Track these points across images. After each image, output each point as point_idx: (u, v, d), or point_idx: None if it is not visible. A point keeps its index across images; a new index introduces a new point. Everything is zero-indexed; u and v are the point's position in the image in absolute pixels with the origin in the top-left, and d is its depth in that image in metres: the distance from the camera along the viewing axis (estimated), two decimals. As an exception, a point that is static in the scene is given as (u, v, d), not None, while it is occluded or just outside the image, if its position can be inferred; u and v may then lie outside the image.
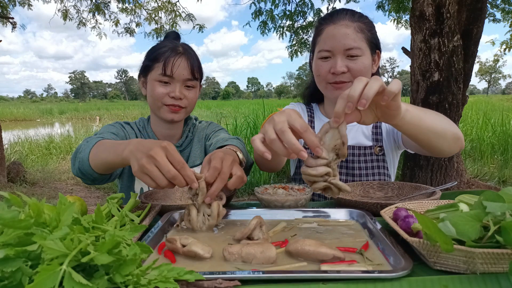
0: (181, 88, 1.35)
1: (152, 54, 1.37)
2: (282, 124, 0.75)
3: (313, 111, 1.53)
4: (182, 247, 0.74)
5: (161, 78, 1.32)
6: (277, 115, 0.78)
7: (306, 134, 0.75)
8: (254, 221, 0.82)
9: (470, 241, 0.60)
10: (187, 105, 1.38)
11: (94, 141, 1.12)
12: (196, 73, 1.37)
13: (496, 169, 5.46)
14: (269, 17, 6.45)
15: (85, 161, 1.09)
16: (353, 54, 1.26)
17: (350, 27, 1.27)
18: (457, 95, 3.25)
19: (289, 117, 0.76)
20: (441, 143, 1.04)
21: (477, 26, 3.63)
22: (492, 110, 10.87)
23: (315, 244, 0.72)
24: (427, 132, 0.98)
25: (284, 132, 0.74)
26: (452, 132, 1.05)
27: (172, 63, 1.31)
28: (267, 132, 0.76)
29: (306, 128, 0.75)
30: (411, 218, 0.77)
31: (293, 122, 0.75)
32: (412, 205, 0.92)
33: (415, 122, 0.93)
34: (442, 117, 1.07)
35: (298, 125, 0.75)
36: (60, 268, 0.49)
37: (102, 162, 1.05)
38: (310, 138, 0.75)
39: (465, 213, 0.63)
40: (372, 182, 1.26)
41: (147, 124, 1.49)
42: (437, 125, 1.00)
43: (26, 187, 5.23)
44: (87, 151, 1.10)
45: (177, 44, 1.38)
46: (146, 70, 1.38)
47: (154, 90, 1.34)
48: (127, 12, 6.87)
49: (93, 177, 1.13)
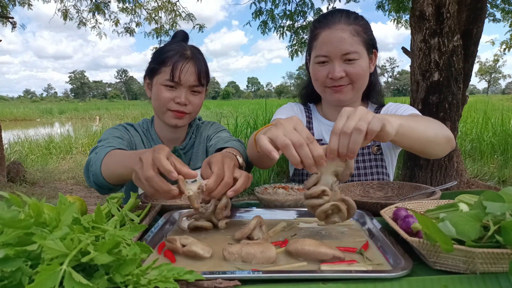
0: (187, 94, 1.33)
1: (159, 57, 1.34)
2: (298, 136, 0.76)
3: (310, 111, 1.53)
4: (182, 247, 0.74)
5: (168, 83, 1.31)
6: (284, 120, 0.80)
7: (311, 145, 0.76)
8: (254, 221, 0.82)
9: (470, 241, 0.60)
10: (192, 111, 1.37)
11: (104, 152, 1.11)
12: (203, 79, 1.35)
13: (496, 169, 5.46)
14: (270, 17, 6.45)
15: (99, 175, 1.09)
16: (351, 58, 1.26)
17: (346, 31, 1.26)
18: (457, 95, 3.25)
19: (297, 125, 0.79)
20: (434, 148, 1.07)
21: (477, 26, 3.63)
22: (492, 110, 10.87)
23: (315, 244, 0.72)
24: (421, 141, 1.00)
25: (303, 145, 0.75)
26: (443, 135, 1.07)
27: (180, 69, 1.29)
28: (278, 138, 0.76)
29: (313, 139, 0.77)
30: (411, 218, 0.77)
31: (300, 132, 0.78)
32: (412, 205, 0.92)
33: (409, 135, 0.94)
34: (433, 122, 1.09)
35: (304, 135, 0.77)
36: (60, 268, 0.49)
37: (114, 174, 1.05)
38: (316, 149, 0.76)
39: (465, 213, 0.63)
40: (372, 182, 1.26)
41: (150, 127, 1.48)
42: (430, 133, 1.03)
43: (26, 187, 5.23)
44: (99, 165, 1.09)
45: (185, 47, 1.35)
46: (153, 73, 1.36)
47: (159, 95, 1.32)
48: (127, 12, 6.87)
49: (108, 188, 1.13)
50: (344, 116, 0.79)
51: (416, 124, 0.98)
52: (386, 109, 1.44)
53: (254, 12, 6.44)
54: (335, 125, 0.78)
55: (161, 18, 7.18)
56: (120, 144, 1.24)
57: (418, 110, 1.35)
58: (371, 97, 1.49)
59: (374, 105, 1.50)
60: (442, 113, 3.23)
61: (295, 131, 0.77)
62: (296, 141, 0.75)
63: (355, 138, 0.75)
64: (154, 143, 1.44)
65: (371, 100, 1.50)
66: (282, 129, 0.78)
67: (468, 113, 9.37)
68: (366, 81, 1.34)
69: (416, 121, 1.00)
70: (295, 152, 0.75)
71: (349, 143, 0.76)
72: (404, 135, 0.91)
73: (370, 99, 1.50)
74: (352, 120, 0.77)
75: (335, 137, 0.77)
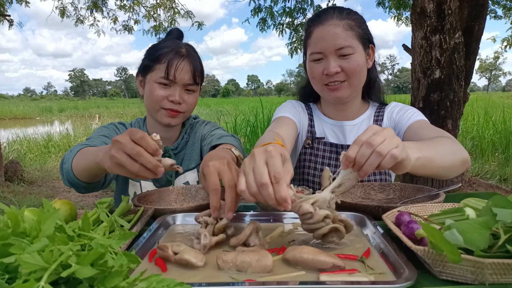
0: (181, 92, 1.29)
1: (153, 54, 1.30)
2: (262, 171, 0.69)
3: (311, 109, 1.49)
4: (173, 255, 0.71)
5: (162, 80, 1.27)
6: (257, 152, 0.72)
7: (278, 186, 0.68)
8: (250, 227, 0.79)
9: (478, 251, 0.56)
10: (186, 110, 1.33)
11: (76, 149, 1.10)
12: (198, 77, 1.32)
13: (497, 167, 5.42)
14: (269, 14, 6.39)
15: (70, 171, 1.08)
16: (345, 53, 1.23)
17: (339, 26, 1.24)
18: (458, 93, 3.20)
19: (269, 159, 0.70)
20: (450, 174, 1.03)
21: (478, 22, 3.57)
22: (492, 107, 10.82)
23: (313, 251, 0.68)
24: (437, 171, 0.96)
25: (263, 186, 0.68)
26: (459, 160, 1.03)
27: (175, 67, 1.25)
28: (248, 179, 0.70)
29: (280, 180, 0.68)
30: (415, 223, 0.73)
31: (271, 167, 0.69)
32: (415, 208, 0.89)
33: (425, 166, 0.89)
34: (449, 145, 1.03)
35: (272, 173, 0.69)
36: (37, 285, 0.45)
37: (84, 169, 1.03)
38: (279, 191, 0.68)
39: (473, 220, 0.60)
40: (373, 183, 1.22)
41: (142, 125, 1.45)
42: (447, 161, 0.98)
43: (24, 186, 5.20)
44: (70, 161, 1.08)
45: (180, 45, 1.32)
46: (146, 70, 1.32)
47: (153, 92, 1.29)
48: (125, 9, 6.80)
49: (81, 186, 1.11)
50: (370, 131, 0.76)
51: (433, 153, 0.92)
52: (390, 110, 1.40)
53: (253, 9, 6.38)
54: (358, 137, 0.76)
55: (159, 15, 7.13)
56: (102, 143, 1.22)
57: (419, 108, 1.32)
58: (372, 95, 1.46)
59: (376, 103, 1.47)
60: (443, 111, 3.19)
61: (265, 167, 0.69)
62: (258, 181, 0.68)
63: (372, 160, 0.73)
64: None
65: (371, 98, 1.47)
66: (252, 164, 0.71)
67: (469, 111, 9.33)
68: (363, 77, 1.31)
69: (433, 148, 0.95)
70: (250, 196, 0.70)
71: (369, 157, 0.73)
72: (420, 168, 0.87)
73: (371, 97, 1.46)
74: (378, 136, 0.74)
75: (355, 146, 0.75)
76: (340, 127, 1.41)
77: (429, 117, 1.36)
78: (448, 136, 1.11)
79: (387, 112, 1.41)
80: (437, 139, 1.05)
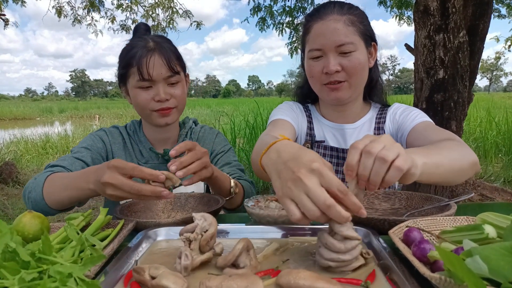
0: (165, 88, 1.21)
1: (124, 60, 1.23)
2: (321, 194, 0.60)
3: (310, 111, 1.40)
4: (151, 279, 0.62)
5: (141, 84, 1.20)
6: (303, 174, 0.62)
7: (348, 197, 0.62)
8: (240, 245, 0.69)
9: (507, 283, 0.47)
10: (177, 104, 1.26)
11: (44, 177, 1.04)
12: (175, 66, 1.23)
13: (502, 169, 5.31)
14: (268, 13, 6.30)
15: (40, 201, 1.01)
16: (346, 50, 1.14)
17: (340, 21, 1.15)
18: (463, 93, 3.11)
19: (322, 177, 0.62)
20: (459, 179, 0.96)
21: (483, 21, 3.48)
22: (494, 108, 10.71)
23: (310, 277, 0.59)
24: (446, 176, 0.87)
25: (331, 207, 0.60)
26: (468, 162, 0.95)
27: (146, 65, 1.17)
28: (305, 206, 0.61)
29: (346, 191, 0.62)
30: (427, 243, 0.64)
31: (329, 185, 0.61)
32: (425, 222, 0.80)
33: (434, 172, 0.81)
34: (457, 148, 0.96)
35: (335, 188, 0.61)
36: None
37: (63, 200, 1.00)
38: (352, 201, 0.62)
39: (499, 245, 0.51)
40: (377, 191, 1.13)
41: (138, 128, 1.37)
42: (456, 165, 0.90)
43: (18, 188, 5.11)
44: (40, 191, 1.01)
45: (147, 39, 1.24)
46: (123, 78, 1.26)
47: (137, 98, 1.23)
48: (122, 9, 6.71)
49: (53, 212, 1.04)
50: (366, 139, 0.69)
51: (440, 157, 0.85)
52: (393, 111, 1.32)
53: (252, 9, 6.29)
54: (353, 143, 0.69)
55: (158, 15, 7.04)
56: (73, 164, 1.16)
57: (422, 109, 1.23)
58: (373, 96, 1.37)
59: (378, 104, 1.38)
60: (447, 112, 3.09)
61: (321, 188, 0.61)
62: (322, 204, 0.60)
63: (378, 168, 0.65)
64: (142, 146, 1.34)
65: (373, 99, 1.38)
66: (303, 188, 0.61)
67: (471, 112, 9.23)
68: (364, 76, 1.22)
69: (439, 152, 0.87)
70: (326, 217, 0.62)
71: (372, 166, 0.65)
72: (429, 174, 0.78)
73: (372, 98, 1.38)
74: (376, 143, 0.67)
75: (353, 151, 0.67)
76: (340, 130, 1.33)
77: (432, 118, 1.27)
78: (455, 138, 1.03)
79: (390, 114, 1.32)
80: (443, 143, 0.98)
